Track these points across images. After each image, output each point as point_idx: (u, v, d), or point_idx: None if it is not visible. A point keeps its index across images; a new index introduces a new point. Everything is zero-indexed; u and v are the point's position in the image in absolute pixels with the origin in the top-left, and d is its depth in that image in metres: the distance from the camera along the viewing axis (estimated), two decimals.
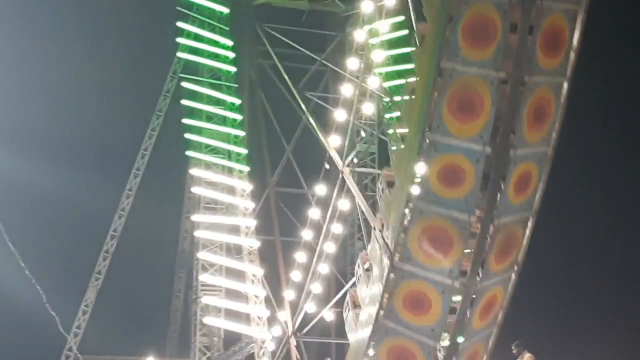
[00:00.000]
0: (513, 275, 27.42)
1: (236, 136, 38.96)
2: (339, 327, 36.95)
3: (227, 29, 40.73)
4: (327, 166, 34.91)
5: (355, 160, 34.22)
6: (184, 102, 38.94)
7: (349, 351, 29.37)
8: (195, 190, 38.14)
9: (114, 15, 43.78)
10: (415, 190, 25.93)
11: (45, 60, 42.24)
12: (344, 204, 32.81)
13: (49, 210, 41.61)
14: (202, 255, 37.07)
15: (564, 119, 26.40)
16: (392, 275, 26.27)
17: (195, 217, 38.01)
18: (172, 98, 41.10)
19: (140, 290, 43.19)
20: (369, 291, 28.29)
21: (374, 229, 28.40)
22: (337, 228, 33.09)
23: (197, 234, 37.50)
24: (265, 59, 41.51)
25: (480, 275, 26.15)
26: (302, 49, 40.48)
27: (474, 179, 25.50)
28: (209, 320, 36.92)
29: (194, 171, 38.12)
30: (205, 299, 36.81)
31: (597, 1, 25.88)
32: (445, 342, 26.98)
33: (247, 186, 38.25)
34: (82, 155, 42.82)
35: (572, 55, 25.66)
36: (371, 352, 27.14)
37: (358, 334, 28.68)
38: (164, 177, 42.59)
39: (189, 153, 38.42)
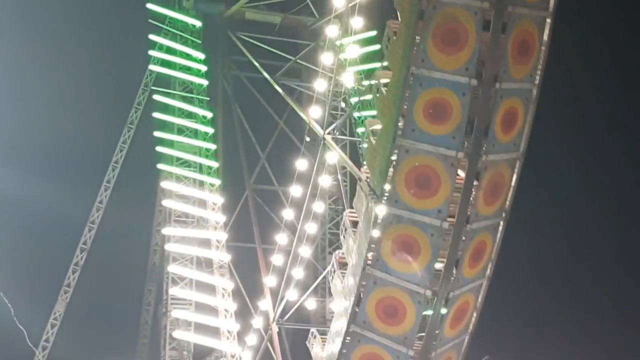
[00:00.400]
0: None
1: (207, 149, 38.87)
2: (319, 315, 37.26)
3: (200, 42, 40.72)
4: (308, 139, 35.11)
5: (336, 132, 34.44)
6: (156, 114, 38.80)
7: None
8: (166, 203, 37.99)
9: (86, 27, 43.68)
10: (401, 131, 25.96)
11: (17, 72, 41.99)
12: (325, 180, 33.30)
13: (18, 222, 41.24)
14: (173, 268, 36.89)
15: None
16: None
17: (166, 231, 37.84)
18: (144, 111, 40.94)
19: (109, 304, 42.96)
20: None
21: (360, 179, 28.32)
22: (319, 206, 33.74)
23: (168, 247, 37.33)
24: (239, 69, 41.61)
25: (470, 220, 26.20)
26: (276, 51, 40.78)
27: (460, 114, 25.63)
28: (178, 334, 36.71)
29: (165, 184, 38.01)
30: (175, 313, 36.59)
31: None
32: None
33: (218, 199, 38.14)
34: (52, 167, 42.49)
35: None
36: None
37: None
38: (134, 189, 42.39)
39: (160, 166, 38.28)
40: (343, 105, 38.91)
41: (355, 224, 28.60)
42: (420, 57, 25.47)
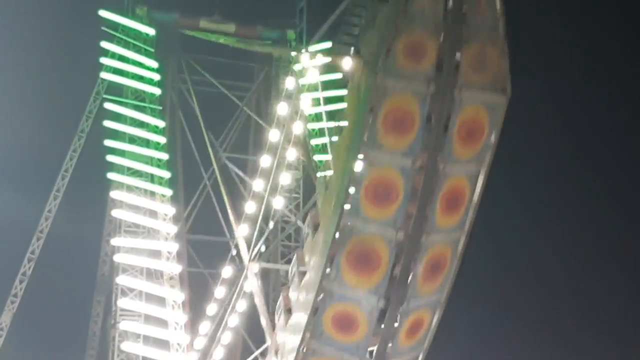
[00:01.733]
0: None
1: (159, 159, 38.46)
2: None
3: (153, 50, 40.31)
4: (235, 252, 35.12)
5: (263, 249, 34.61)
6: (107, 123, 38.31)
7: None
8: (116, 213, 37.50)
9: (38, 34, 43.11)
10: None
11: None
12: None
13: None
14: (122, 279, 36.42)
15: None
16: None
17: (116, 241, 37.36)
18: (95, 119, 40.45)
19: (57, 315, 42.49)
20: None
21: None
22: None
23: (117, 257, 36.85)
24: (189, 84, 41.39)
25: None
26: (225, 91, 40.59)
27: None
28: (127, 346, 36.24)
29: (115, 194, 37.49)
30: (124, 325, 36.11)
31: None
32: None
33: (170, 210, 37.74)
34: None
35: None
36: None
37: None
38: (84, 199, 41.87)
39: (110, 175, 37.78)
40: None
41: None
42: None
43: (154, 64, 39.95)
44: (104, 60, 39.56)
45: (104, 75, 39.86)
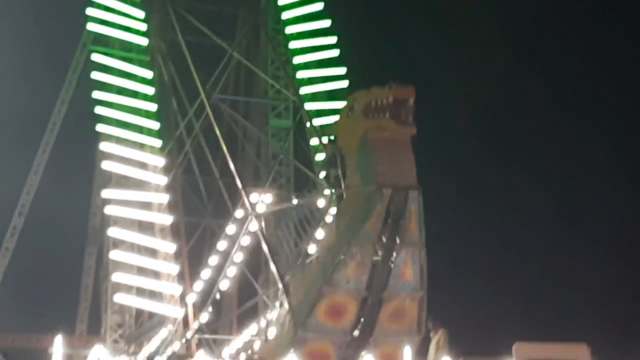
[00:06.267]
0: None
1: (148, 110, 38.15)
2: None
3: (139, 0, 39.85)
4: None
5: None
6: (94, 74, 37.96)
7: None
8: (106, 165, 37.25)
9: None
10: None
11: None
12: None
13: None
14: (113, 231, 36.31)
15: None
16: None
17: (106, 193, 37.15)
18: (82, 71, 40.07)
19: (49, 268, 42.55)
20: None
21: None
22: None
23: (108, 210, 36.69)
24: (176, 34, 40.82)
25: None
26: (212, 36, 40.05)
27: None
28: (119, 297, 36.24)
29: (104, 146, 37.22)
30: (116, 276, 36.05)
31: None
32: None
33: (160, 161, 37.53)
34: None
35: None
36: None
37: None
38: (73, 152, 41.67)
39: (99, 127, 37.48)
40: None
41: None
42: None
43: (141, 13, 39.51)
44: (89, 11, 39.13)
45: (90, 26, 39.45)
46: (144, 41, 39.26)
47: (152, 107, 38.28)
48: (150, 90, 38.49)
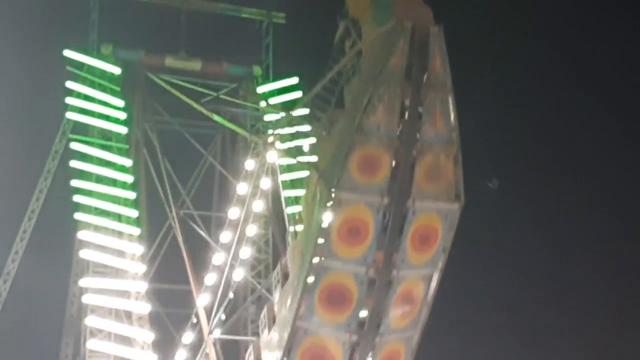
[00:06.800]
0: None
1: (126, 198, 38.19)
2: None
3: (119, 89, 40.20)
4: (195, 320, 35.35)
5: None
6: (73, 163, 38.06)
7: None
8: (84, 254, 37.10)
9: (1, 74, 42.79)
10: None
11: None
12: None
13: None
14: (90, 320, 35.99)
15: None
16: None
17: (84, 282, 36.93)
18: (61, 159, 40.17)
19: (26, 357, 41.85)
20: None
21: None
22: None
23: (85, 299, 36.44)
24: (155, 122, 41.20)
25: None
26: (190, 138, 40.63)
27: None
28: None
29: (82, 234, 37.14)
30: None
31: None
32: None
33: (138, 249, 37.44)
34: None
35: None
36: None
37: None
38: (51, 240, 41.46)
39: (77, 216, 37.45)
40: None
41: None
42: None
43: (120, 102, 39.81)
44: (69, 100, 39.40)
45: (70, 115, 39.68)
46: (123, 129, 39.50)
47: (131, 195, 38.33)
48: (129, 178, 38.59)
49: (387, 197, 26.09)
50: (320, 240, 26.33)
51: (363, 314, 27.09)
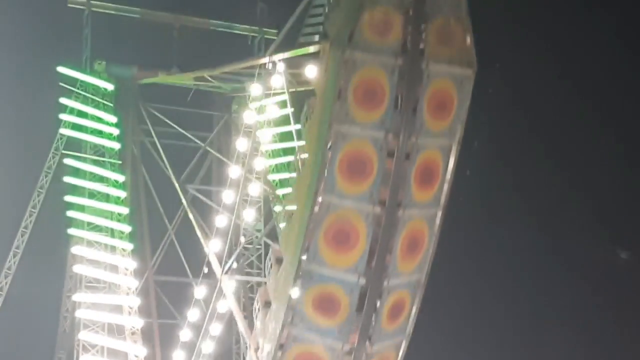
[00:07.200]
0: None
1: (119, 214, 38.37)
2: None
3: (112, 105, 40.39)
4: (206, 270, 35.02)
5: (235, 265, 34.41)
6: (67, 179, 38.23)
7: None
8: (77, 269, 37.25)
9: None
10: None
11: None
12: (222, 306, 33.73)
13: None
14: (83, 335, 36.10)
15: None
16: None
17: (77, 297, 37.07)
18: (54, 175, 40.33)
19: None
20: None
21: (249, 347, 29.53)
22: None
23: (78, 314, 36.56)
24: (149, 137, 41.33)
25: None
26: (185, 132, 40.53)
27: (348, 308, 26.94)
28: None
29: (75, 249, 37.29)
30: None
31: None
32: None
33: (131, 264, 37.59)
34: None
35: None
36: None
37: None
38: (44, 255, 41.55)
39: (70, 231, 37.60)
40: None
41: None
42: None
43: (113, 118, 40.01)
44: (62, 116, 39.59)
45: (63, 131, 39.88)
46: (116, 145, 39.69)
47: (124, 210, 38.50)
48: (122, 194, 38.76)
49: (400, 58, 25.61)
50: (337, 105, 25.84)
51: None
